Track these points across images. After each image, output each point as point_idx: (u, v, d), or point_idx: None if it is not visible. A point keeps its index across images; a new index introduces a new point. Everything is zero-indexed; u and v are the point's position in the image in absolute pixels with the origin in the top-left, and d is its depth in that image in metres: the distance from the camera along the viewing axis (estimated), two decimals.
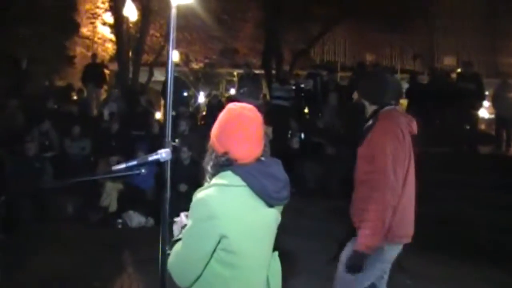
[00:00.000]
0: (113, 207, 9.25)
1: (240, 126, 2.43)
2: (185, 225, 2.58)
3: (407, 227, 3.78)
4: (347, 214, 3.89)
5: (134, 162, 2.49)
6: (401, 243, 3.79)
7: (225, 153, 2.43)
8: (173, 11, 2.89)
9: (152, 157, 2.49)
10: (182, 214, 2.70)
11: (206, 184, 2.47)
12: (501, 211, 8.72)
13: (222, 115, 2.52)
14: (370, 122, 3.86)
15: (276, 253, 2.69)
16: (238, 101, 2.64)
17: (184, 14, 16.87)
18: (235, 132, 2.43)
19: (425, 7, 20.09)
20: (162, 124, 12.28)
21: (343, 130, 11.93)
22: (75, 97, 15.43)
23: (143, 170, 2.51)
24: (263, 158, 2.51)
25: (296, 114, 13.48)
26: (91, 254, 7.29)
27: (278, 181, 2.47)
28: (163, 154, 2.50)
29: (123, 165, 2.48)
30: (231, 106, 2.54)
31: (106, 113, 12.79)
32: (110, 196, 9.26)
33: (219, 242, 2.36)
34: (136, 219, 8.98)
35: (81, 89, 15.35)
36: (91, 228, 8.58)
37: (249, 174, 2.40)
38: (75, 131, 11.07)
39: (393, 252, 3.79)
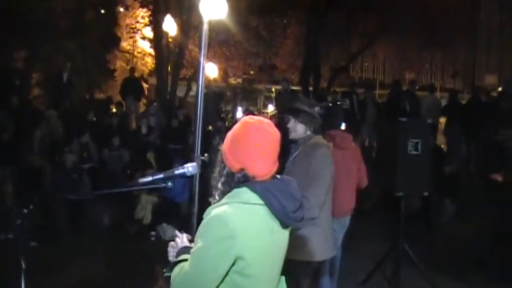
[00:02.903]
0: (148, 219, 9.32)
1: (260, 140, 2.25)
2: (185, 247, 2.49)
3: (341, 208, 5.27)
4: (383, 233, 4.03)
5: (160, 175, 2.48)
6: (338, 218, 5.25)
7: (241, 169, 2.25)
8: (205, 26, 2.92)
9: (179, 171, 2.49)
10: (179, 237, 2.62)
11: (215, 202, 2.32)
12: None
13: (237, 129, 2.31)
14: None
15: (283, 278, 2.54)
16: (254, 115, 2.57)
17: (224, 30, 17.01)
18: (254, 147, 2.24)
19: (467, 25, 19.78)
20: None
21: (379, 147, 11.76)
22: (114, 110, 15.65)
23: (169, 183, 2.50)
24: (278, 176, 2.36)
25: None
26: (123, 266, 7.34)
27: (295, 200, 2.32)
28: (190, 168, 2.49)
29: (149, 178, 2.49)
30: (247, 119, 2.34)
31: (144, 126, 12.91)
32: (145, 208, 9.34)
33: (233, 264, 2.20)
34: (169, 232, 8.99)
35: (120, 102, 15.55)
36: (125, 240, 8.64)
37: (269, 192, 2.24)
38: (113, 144, 11.27)
39: (338, 223, 5.33)
